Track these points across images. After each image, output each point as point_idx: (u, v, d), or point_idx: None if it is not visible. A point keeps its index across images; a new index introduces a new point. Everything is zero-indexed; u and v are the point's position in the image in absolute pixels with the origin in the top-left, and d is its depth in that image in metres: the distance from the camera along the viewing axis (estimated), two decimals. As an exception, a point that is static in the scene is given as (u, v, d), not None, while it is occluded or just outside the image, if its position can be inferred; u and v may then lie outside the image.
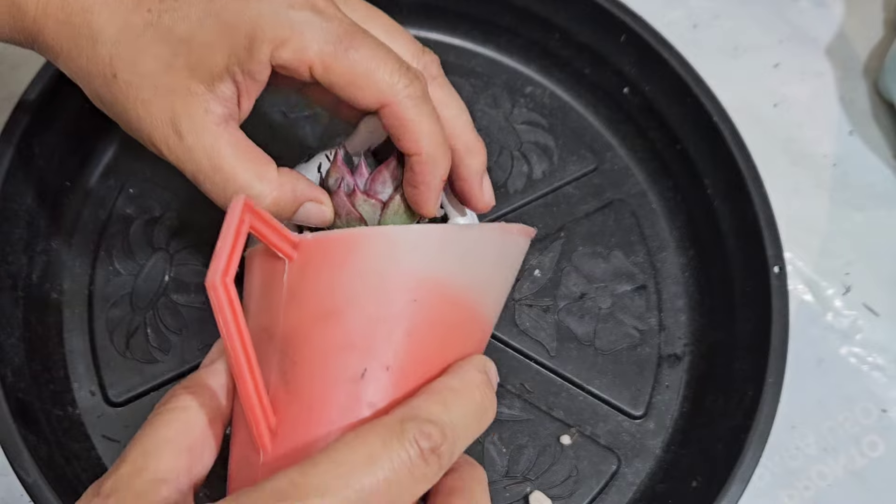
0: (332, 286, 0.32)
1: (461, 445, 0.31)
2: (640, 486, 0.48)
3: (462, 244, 0.34)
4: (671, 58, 0.53)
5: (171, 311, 0.49)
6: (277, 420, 0.32)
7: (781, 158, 0.58)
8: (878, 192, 0.57)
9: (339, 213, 0.40)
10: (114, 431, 0.46)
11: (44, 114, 0.48)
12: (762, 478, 0.49)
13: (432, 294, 0.33)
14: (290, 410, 0.32)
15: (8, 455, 0.41)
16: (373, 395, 0.32)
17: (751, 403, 0.46)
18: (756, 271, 0.49)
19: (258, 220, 0.31)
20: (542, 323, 0.51)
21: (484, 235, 0.35)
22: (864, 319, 0.54)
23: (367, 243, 0.32)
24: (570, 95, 0.57)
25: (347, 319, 0.32)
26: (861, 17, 0.62)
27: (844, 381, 0.52)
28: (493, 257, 0.35)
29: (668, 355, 0.51)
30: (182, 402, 0.32)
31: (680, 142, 0.54)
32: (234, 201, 0.30)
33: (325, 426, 0.31)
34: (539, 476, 0.47)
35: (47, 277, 0.49)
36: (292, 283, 0.32)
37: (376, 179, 0.40)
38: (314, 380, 0.32)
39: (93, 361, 0.48)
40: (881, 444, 0.51)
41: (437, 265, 0.33)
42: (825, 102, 0.60)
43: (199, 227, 0.51)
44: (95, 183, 0.52)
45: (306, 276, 0.32)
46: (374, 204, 0.39)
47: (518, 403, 0.49)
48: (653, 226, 0.54)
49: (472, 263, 0.34)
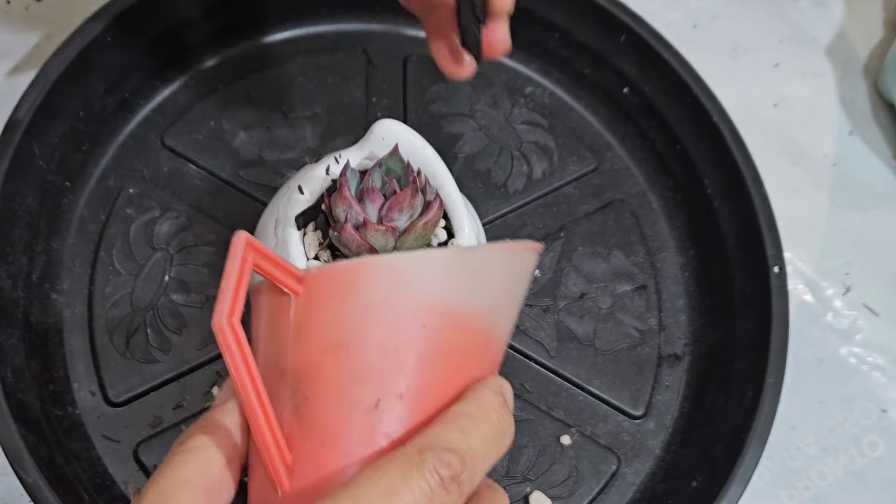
0: (338, 318, 0.32)
1: (481, 471, 0.31)
2: (640, 486, 0.48)
3: (468, 266, 0.33)
4: (671, 58, 0.53)
5: (171, 311, 0.49)
6: (293, 456, 0.32)
7: (781, 158, 0.58)
8: (878, 192, 0.57)
9: (349, 246, 0.40)
10: (114, 431, 0.46)
11: (44, 114, 0.48)
12: (762, 478, 0.49)
13: (441, 319, 0.32)
14: (305, 446, 0.32)
15: (8, 455, 0.41)
16: (388, 425, 0.31)
17: (751, 403, 0.46)
18: (756, 271, 0.49)
19: (261, 257, 0.31)
20: (541, 323, 0.51)
21: (489, 255, 0.34)
22: (864, 319, 0.54)
23: (371, 272, 0.32)
24: (570, 95, 0.57)
25: (357, 351, 0.32)
26: (861, 17, 0.62)
27: (844, 381, 0.52)
28: (500, 277, 0.35)
29: (668, 355, 0.51)
30: (198, 441, 0.32)
31: (680, 142, 0.54)
32: (236, 239, 0.30)
33: (342, 460, 0.31)
34: (539, 476, 0.47)
35: (47, 277, 0.49)
36: (299, 318, 0.32)
37: (393, 207, 0.39)
38: (327, 414, 0.31)
39: (93, 361, 0.48)
40: (881, 444, 0.51)
41: (444, 289, 0.32)
42: (825, 102, 0.60)
43: (199, 227, 0.51)
44: (95, 183, 0.52)
45: (312, 309, 0.32)
46: (386, 233, 0.39)
47: (518, 403, 0.49)
48: (653, 226, 0.54)
49: (480, 285, 0.34)
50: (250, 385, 0.30)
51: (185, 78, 0.55)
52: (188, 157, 0.53)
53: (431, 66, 0.56)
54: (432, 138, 0.54)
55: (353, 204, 0.39)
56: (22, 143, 0.47)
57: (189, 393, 0.47)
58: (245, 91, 0.54)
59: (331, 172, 0.43)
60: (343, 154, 0.43)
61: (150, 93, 0.54)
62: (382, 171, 0.41)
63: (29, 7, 0.57)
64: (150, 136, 0.53)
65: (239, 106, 0.54)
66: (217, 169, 0.52)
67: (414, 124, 0.54)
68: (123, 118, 0.53)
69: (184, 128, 0.53)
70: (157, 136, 0.53)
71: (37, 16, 0.57)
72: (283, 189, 0.48)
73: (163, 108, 0.54)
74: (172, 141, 0.53)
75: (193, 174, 0.52)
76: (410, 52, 0.57)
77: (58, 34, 0.55)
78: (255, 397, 0.30)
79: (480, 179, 0.54)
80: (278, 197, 0.47)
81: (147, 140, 0.53)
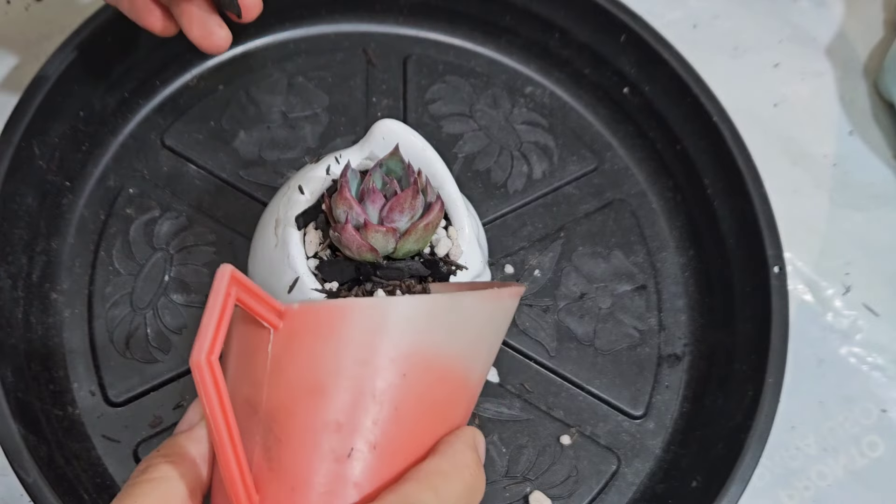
0: (317, 359, 0.31)
1: None
2: (640, 486, 0.48)
3: (452, 315, 0.32)
4: (671, 58, 0.53)
5: (171, 311, 0.49)
6: (260, 498, 0.31)
7: (781, 158, 0.58)
8: (878, 192, 0.57)
9: (349, 247, 0.40)
10: (113, 431, 0.46)
11: (44, 114, 0.48)
12: (762, 478, 0.49)
13: (421, 368, 0.31)
14: (272, 488, 0.31)
15: (8, 455, 0.41)
16: (359, 475, 0.31)
17: (751, 403, 0.46)
18: (756, 271, 0.49)
19: (244, 291, 0.30)
20: (541, 323, 0.51)
21: (475, 304, 0.33)
22: (863, 319, 0.54)
23: (355, 314, 0.31)
24: (570, 95, 0.57)
25: (334, 395, 0.31)
26: (861, 17, 0.62)
27: (844, 382, 0.52)
28: (483, 325, 0.34)
29: (667, 355, 0.51)
30: (161, 471, 0.31)
31: (680, 142, 0.54)
32: (220, 273, 0.29)
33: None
34: (539, 476, 0.47)
35: (47, 277, 0.49)
36: (277, 354, 0.31)
37: (394, 208, 0.39)
38: (299, 459, 0.31)
39: (93, 361, 0.48)
40: (881, 444, 0.51)
41: (428, 337, 0.32)
42: (825, 102, 0.60)
43: (198, 227, 0.51)
44: (95, 183, 0.52)
45: (291, 348, 0.31)
46: (387, 234, 0.39)
47: (518, 403, 0.49)
48: (653, 226, 0.54)
49: (463, 333, 0.33)
50: (223, 426, 0.29)
51: (186, 78, 0.55)
52: (188, 157, 0.53)
53: (432, 66, 0.57)
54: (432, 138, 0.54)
55: (354, 205, 0.39)
56: (22, 143, 0.47)
57: (189, 393, 0.47)
58: (245, 91, 0.54)
59: (331, 172, 0.43)
60: (343, 154, 0.43)
61: (149, 93, 0.54)
62: (383, 171, 0.41)
63: (29, 7, 0.57)
64: (150, 136, 0.53)
65: (239, 106, 0.54)
66: (217, 169, 0.52)
67: (414, 124, 0.54)
68: (123, 118, 0.53)
69: (184, 128, 0.53)
70: (157, 136, 0.53)
71: (37, 16, 0.57)
72: (283, 189, 0.48)
73: (163, 108, 0.54)
74: (172, 141, 0.53)
75: (193, 174, 0.52)
76: (410, 52, 0.57)
77: (57, 34, 0.55)
78: (227, 439, 0.29)
79: (480, 179, 0.54)
80: (278, 197, 0.47)
81: (147, 140, 0.53)
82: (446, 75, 0.56)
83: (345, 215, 0.39)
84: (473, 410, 0.48)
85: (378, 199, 0.39)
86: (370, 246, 0.39)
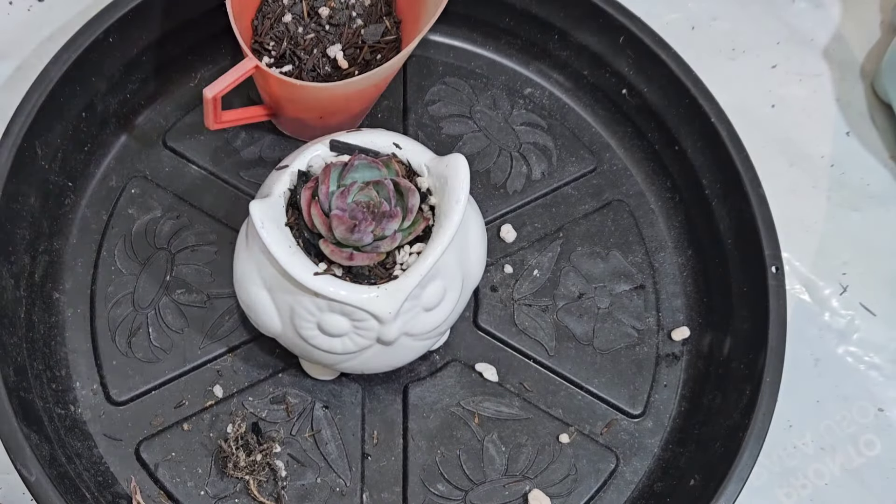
0: None
1: None
2: (639, 485, 0.48)
3: None
4: (669, 59, 0.53)
5: (173, 311, 0.49)
6: None
7: (779, 159, 0.58)
8: (874, 192, 0.57)
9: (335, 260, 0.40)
10: (115, 430, 0.47)
11: (46, 114, 0.48)
12: (760, 476, 0.49)
13: None
14: None
15: (10, 453, 0.42)
16: None
17: (748, 402, 0.46)
18: (754, 271, 0.49)
19: None
20: (540, 322, 0.51)
21: None
22: (861, 319, 0.54)
23: None
24: (569, 96, 0.57)
25: None
26: (858, 18, 0.62)
27: (841, 381, 0.52)
28: None
29: (666, 355, 0.51)
30: None
31: (678, 143, 0.54)
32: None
33: None
34: (538, 475, 0.47)
35: (50, 277, 0.49)
36: None
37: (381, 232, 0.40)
38: None
39: (95, 360, 0.48)
40: (878, 442, 0.51)
41: None
42: (822, 103, 0.60)
43: (200, 227, 0.51)
44: (97, 183, 0.52)
45: None
46: (374, 257, 0.40)
47: (517, 402, 0.49)
48: (651, 226, 0.54)
49: None
50: None
51: (187, 78, 0.55)
52: (189, 157, 0.53)
53: (431, 67, 0.57)
54: (432, 139, 0.54)
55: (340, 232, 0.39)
56: (24, 144, 0.47)
57: (190, 392, 0.48)
58: (246, 91, 0.54)
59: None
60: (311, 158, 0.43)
61: (151, 93, 0.54)
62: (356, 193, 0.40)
63: (31, 8, 0.58)
64: (152, 137, 0.53)
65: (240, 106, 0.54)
66: (218, 169, 0.52)
67: (413, 125, 0.55)
68: (125, 119, 0.53)
69: (185, 128, 0.53)
70: (158, 137, 0.53)
71: (39, 16, 0.57)
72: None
73: (164, 109, 0.54)
74: (174, 141, 0.53)
75: (195, 174, 0.52)
76: (410, 54, 0.57)
77: (60, 35, 0.55)
78: None
79: (480, 180, 0.54)
80: None
81: (149, 141, 0.53)
82: (446, 76, 0.56)
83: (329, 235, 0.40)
84: (474, 410, 0.48)
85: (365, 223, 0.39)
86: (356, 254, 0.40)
